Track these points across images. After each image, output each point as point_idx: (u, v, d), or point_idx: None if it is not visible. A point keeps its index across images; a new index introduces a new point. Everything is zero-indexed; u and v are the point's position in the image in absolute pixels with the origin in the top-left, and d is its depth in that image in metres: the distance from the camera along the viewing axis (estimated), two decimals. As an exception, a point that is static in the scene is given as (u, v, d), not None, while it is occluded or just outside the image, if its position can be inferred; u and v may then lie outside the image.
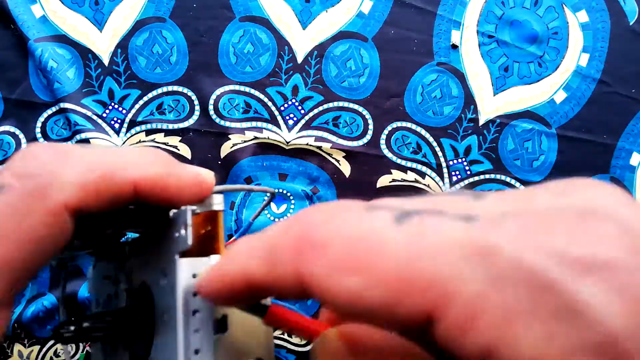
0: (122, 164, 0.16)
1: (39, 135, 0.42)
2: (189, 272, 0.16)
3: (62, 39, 0.43)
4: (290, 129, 0.44)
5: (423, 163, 0.45)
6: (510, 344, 0.09)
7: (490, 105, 0.45)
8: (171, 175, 0.17)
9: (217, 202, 0.18)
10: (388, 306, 0.10)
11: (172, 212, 0.18)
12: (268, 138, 0.44)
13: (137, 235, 0.21)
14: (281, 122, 0.44)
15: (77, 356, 0.39)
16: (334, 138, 0.44)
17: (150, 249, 0.19)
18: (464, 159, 0.45)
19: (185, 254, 0.17)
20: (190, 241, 0.16)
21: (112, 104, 0.43)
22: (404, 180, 0.44)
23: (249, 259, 0.13)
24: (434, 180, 0.45)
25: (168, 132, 0.43)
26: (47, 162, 0.14)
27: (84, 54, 0.43)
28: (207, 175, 0.18)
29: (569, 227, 0.10)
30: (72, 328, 0.17)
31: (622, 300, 0.09)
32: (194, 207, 0.17)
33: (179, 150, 0.43)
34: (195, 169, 0.18)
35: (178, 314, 0.16)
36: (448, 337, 0.10)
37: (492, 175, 0.45)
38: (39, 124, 0.43)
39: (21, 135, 0.42)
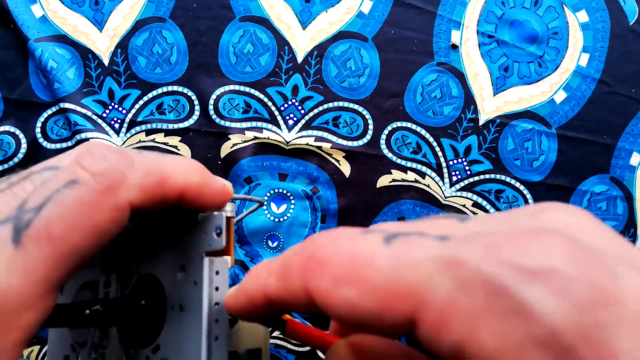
0: (173, 171, 0.17)
1: (39, 135, 0.42)
2: (213, 269, 0.19)
3: (62, 39, 0.43)
4: (290, 129, 0.44)
5: (423, 163, 0.45)
6: (475, 341, 0.11)
7: (490, 105, 0.45)
8: (207, 185, 0.19)
9: (231, 210, 0.20)
10: (379, 313, 0.12)
11: (200, 214, 0.20)
12: (268, 138, 0.44)
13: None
14: (281, 122, 0.44)
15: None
16: (334, 138, 0.44)
17: (163, 244, 0.21)
18: (464, 159, 0.45)
19: (209, 253, 0.19)
20: (224, 243, 0.19)
21: (112, 104, 0.43)
22: (404, 180, 0.44)
23: (267, 277, 0.15)
24: (434, 180, 0.45)
25: (168, 132, 0.43)
26: (117, 164, 0.16)
27: (84, 54, 0.43)
28: (230, 186, 0.20)
29: (525, 242, 0.12)
30: (98, 307, 0.19)
31: (562, 301, 0.11)
32: (228, 213, 0.19)
33: (179, 150, 0.43)
34: (221, 180, 0.20)
35: (204, 305, 0.18)
36: (427, 338, 0.12)
37: (492, 175, 0.45)
38: (39, 124, 0.43)
39: (21, 135, 0.42)
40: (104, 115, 0.43)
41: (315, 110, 0.44)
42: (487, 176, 0.45)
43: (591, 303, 0.11)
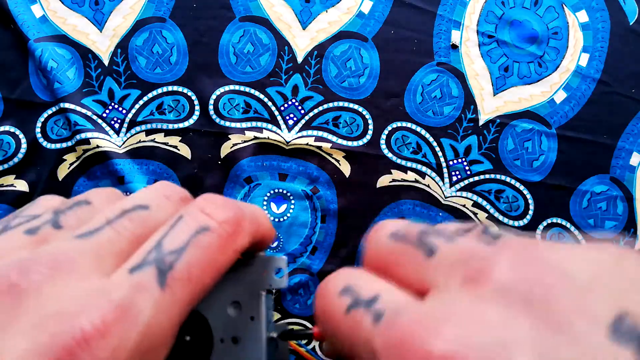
0: (261, 219, 0.20)
1: (39, 135, 0.42)
2: (268, 306, 0.22)
3: (62, 39, 0.43)
4: (290, 129, 0.44)
5: (423, 163, 0.45)
6: None
7: (490, 105, 0.45)
8: (272, 229, 0.21)
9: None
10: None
11: (260, 255, 0.22)
12: (268, 138, 0.44)
13: None
14: (281, 122, 0.44)
15: None
16: (334, 138, 0.44)
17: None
18: (464, 159, 0.45)
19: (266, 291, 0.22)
20: (286, 284, 0.21)
21: (112, 104, 0.43)
22: (404, 180, 0.44)
23: None
24: (434, 180, 0.45)
25: (168, 132, 0.43)
26: (236, 213, 0.18)
27: (84, 54, 0.43)
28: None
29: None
30: None
31: None
32: (285, 257, 0.22)
33: (179, 150, 0.43)
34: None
35: (263, 338, 0.21)
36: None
37: (492, 175, 0.45)
38: (39, 124, 0.43)
39: (21, 136, 0.42)
40: (104, 115, 0.43)
41: (315, 110, 0.44)
42: (487, 176, 0.45)
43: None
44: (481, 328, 0.11)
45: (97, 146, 0.42)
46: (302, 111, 0.44)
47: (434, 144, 0.45)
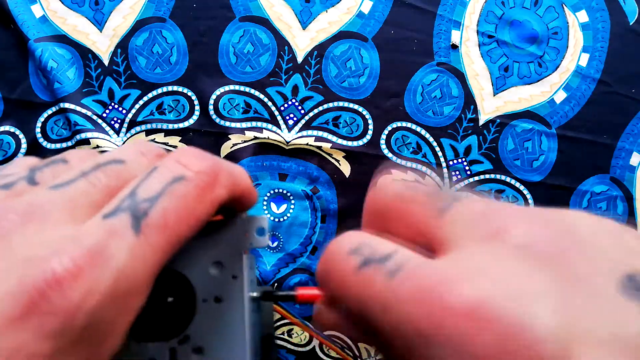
0: (239, 175, 0.19)
1: (39, 135, 0.42)
2: (250, 265, 0.22)
3: (62, 39, 0.43)
4: (290, 129, 0.44)
5: (423, 163, 0.45)
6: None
7: (490, 105, 0.45)
8: (253, 189, 0.21)
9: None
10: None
11: (243, 215, 0.22)
12: (268, 138, 0.44)
13: None
14: (281, 122, 0.44)
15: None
16: (334, 138, 0.44)
17: (189, 242, 0.23)
18: (464, 159, 0.45)
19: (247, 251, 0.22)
20: (268, 242, 0.21)
21: (112, 104, 0.43)
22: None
23: None
24: (434, 180, 0.45)
25: (168, 132, 0.43)
26: (213, 164, 0.18)
27: (84, 54, 0.43)
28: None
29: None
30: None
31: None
32: (266, 216, 0.22)
33: (179, 150, 0.43)
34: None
35: (245, 297, 0.21)
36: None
37: (492, 175, 0.45)
38: (39, 124, 0.43)
39: (21, 135, 0.42)
40: (104, 115, 0.43)
41: (315, 110, 0.44)
42: (487, 176, 0.45)
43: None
44: (504, 279, 0.12)
45: (97, 146, 0.42)
46: (302, 111, 0.44)
47: (434, 144, 0.45)
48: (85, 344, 0.13)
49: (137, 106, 0.43)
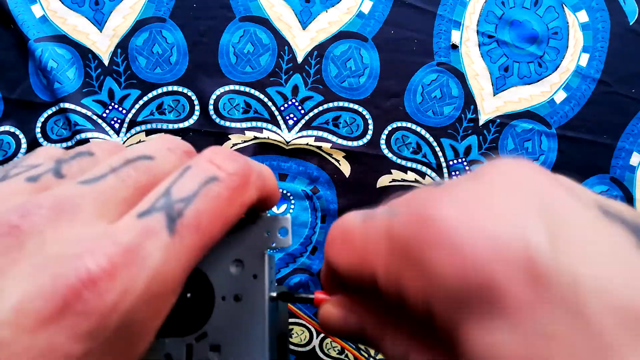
0: (267, 175, 0.20)
1: (39, 135, 0.42)
2: (271, 265, 0.22)
3: (62, 39, 0.43)
4: (290, 129, 0.44)
5: (423, 163, 0.45)
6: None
7: (490, 105, 0.45)
8: (277, 189, 0.21)
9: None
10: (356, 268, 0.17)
11: (266, 214, 0.22)
12: (268, 138, 0.44)
13: None
14: (281, 122, 0.44)
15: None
16: (334, 138, 0.44)
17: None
18: (464, 159, 0.45)
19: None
20: (290, 243, 0.22)
21: (112, 104, 0.43)
22: (404, 180, 0.44)
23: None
24: (434, 180, 0.45)
25: (168, 132, 0.43)
26: (244, 166, 0.18)
27: (84, 54, 0.43)
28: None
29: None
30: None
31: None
32: (289, 216, 0.23)
33: (179, 150, 0.43)
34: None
35: (266, 296, 0.21)
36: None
37: (492, 175, 0.45)
38: (39, 124, 0.43)
39: (21, 135, 0.42)
40: (104, 115, 0.43)
41: (315, 110, 0.44)
42: (487, 176, 0.45)
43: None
44: (492, 200, 0.14)
45: (97, 146, 0.42)
46: (302, 111, 0.44)
47: (434, 144, 0.45)
48: (117, 346, 0.13)
49: (137, 106, 0.43)
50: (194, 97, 0.44)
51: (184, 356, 0.21)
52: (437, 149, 0.45)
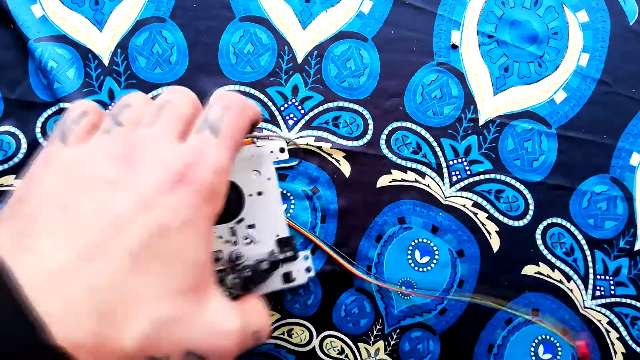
0: (254, 104, 0.30)
1: (39, 135, 0.42)
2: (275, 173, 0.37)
3: (62, 39, 0.43)
4: (290, 129, 0.44)
5: (423, 163, 0.45)
6: None
7: (490, 105, 0.45)
8: (260, 111, 0.31)
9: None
10: None
11: (268, 140, 0.38)
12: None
13: None
14: (281, 122, 0.44)
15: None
16: (334, 138, 0.44)
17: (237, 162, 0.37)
18: (464, 159, 0.45)
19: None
20: (288, 155, 0.38)
21: (112, 104, 0.43)
22: (404, 180, 0.44)
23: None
24: (434, 180, 0.45)
25: (168, 132, 0.44)
26: (243, 99, 0.28)
27: (84, 54, 0.43)
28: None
29: None
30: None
31: None
32: (284, 140, 0.39)
33: (179, 150, 0.43)
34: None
35: (278, 189, 0.37)
36: None
37: (492, 175, 0.45)
38: (39, 124, 0.43)
39: (21, 135, 0.42)
40: (104, 115, 0.43)
41: (315, 110, 0.44)
42: (487, 176, 0.45)
43: None
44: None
45: (97, 146, 0.42)
46: (302, 111, 0.44)
47: (434, 144, 0.45)
48: (211, 200, 0.23)
49: (137, 106, 0.43)
50: (194, 97, 0.44)
51: (230, 234, 0.34)
52: (437, 149, 0.45)
